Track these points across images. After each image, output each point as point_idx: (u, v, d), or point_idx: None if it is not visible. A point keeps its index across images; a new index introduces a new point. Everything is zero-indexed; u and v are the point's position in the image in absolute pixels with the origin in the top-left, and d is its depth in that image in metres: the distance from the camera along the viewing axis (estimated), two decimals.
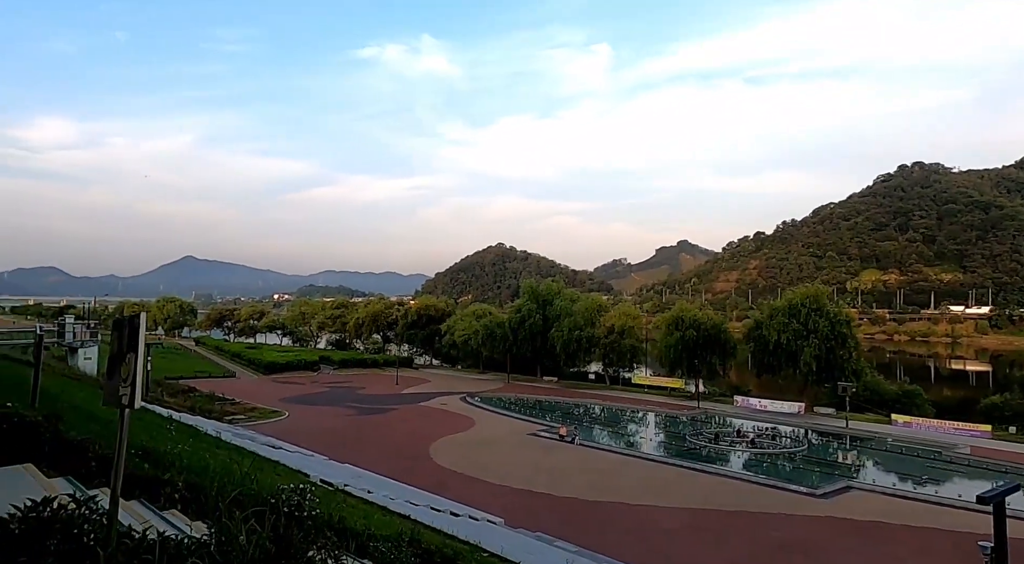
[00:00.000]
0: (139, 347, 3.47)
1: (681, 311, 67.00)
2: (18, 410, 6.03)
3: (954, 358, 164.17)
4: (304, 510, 7.02)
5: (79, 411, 14.37)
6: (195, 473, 7.14)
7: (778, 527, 26.14)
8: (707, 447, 42.65)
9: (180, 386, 58.31)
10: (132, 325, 3.57)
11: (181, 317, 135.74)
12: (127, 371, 3.53)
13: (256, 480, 7.40)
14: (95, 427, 13.27)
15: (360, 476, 27.44)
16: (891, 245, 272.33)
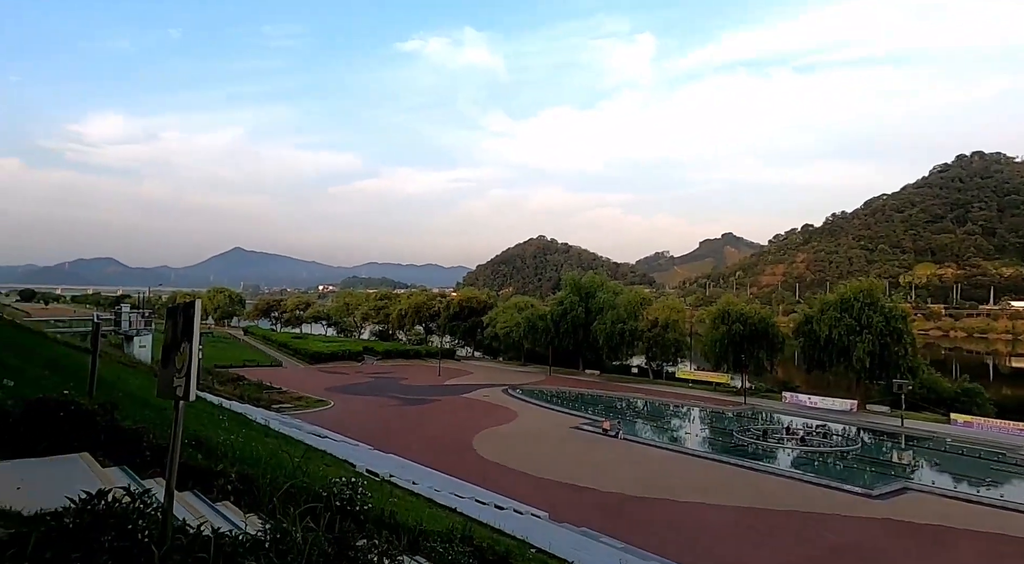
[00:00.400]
0: (194, 337, 3.27)
1: (727, 305, 65.61)
2: (75, 398, 5.97)
3: (1015, 356, 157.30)
4: (356, 505, 6.86)
5: (134, 398, 14.63)
6: (247, 464, 7.05)
7: (832, 529, 25.25)
8: (755, 444, 41.62)
9: (230, 374, 59.71)
10: (187, 314, 3.37)
11: (230, 307, 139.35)
12: (182, 361, 3.34)
13: (307, 472, 7.28)
14: (149, 414, 13.42)
15: (405, 466, 27.53)
16: (947, 238, 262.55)
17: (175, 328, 3.47)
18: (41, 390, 9.66)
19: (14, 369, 11.06)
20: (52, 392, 10.09)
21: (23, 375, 10.70)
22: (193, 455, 6.60)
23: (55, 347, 27.14)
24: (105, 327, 53.97)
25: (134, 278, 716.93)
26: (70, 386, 10.96)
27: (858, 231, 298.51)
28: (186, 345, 3.30)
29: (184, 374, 3.29)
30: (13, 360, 12.64)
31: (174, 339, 3.45)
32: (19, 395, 8.33)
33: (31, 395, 8.64)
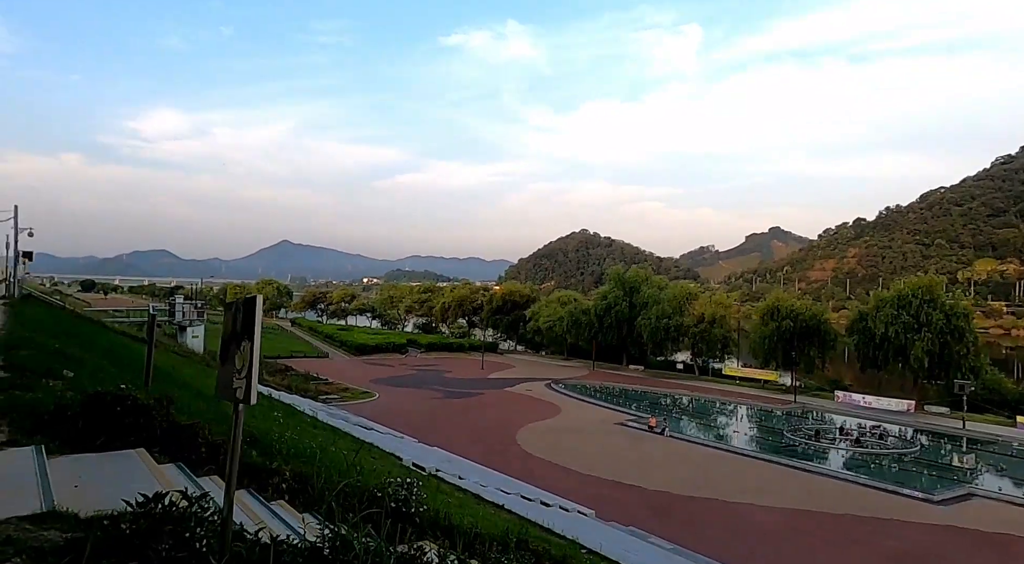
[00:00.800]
0: (255, 335, 3.04)
1: (777, 300, 63.97)
2: (132, 391, 5.89)
3: None
4: (412, 506, 6.65)
5: (187, 388, 14.81)
6: (301, 460, 6.91)
7: (891, 534, 24.23)
8: (807, 444, 40.37)
9: (277, 365, 60.88)
10: (248, 309, 3.14)
11: (278, 299, 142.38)
12: (242, 360, 3.11)
13: (361, 470, 7.11)
14: (202, 406, 13.53)
15: (450, 460, 27.46)
16: (1010, 232, 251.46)
17: (234, 324, 3.25)
18: (99, 381, 9.78)
19: (75, 359, 11.24)
20: (110, 383, 10.20)
21: (83, 365, 10.86)
22: (248, 452, 6.47)
23: (113, 336, 27.95)
24: (159, 318, 55.60)
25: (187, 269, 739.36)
26: (127, 378, 11.09)
27: (913, 225, 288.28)
28: (247, 344, 3.07)
29: (245, 375, 3.06)
30: (75, 350, 12.89)
31: (233, 336, 3.23)
32: (78, 386, 8.39)
33: (90, 386, 8.72)
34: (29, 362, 9.26)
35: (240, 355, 3.12)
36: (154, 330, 10.74)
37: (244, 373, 3.06)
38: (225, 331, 3.40)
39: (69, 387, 8.27)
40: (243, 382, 3.06)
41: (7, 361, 9.45)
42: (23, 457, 5.00)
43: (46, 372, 8.79)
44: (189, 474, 5.64)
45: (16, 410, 6.21)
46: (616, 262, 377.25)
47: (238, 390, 3.11)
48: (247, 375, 3.04)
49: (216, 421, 9.45)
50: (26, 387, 7.47)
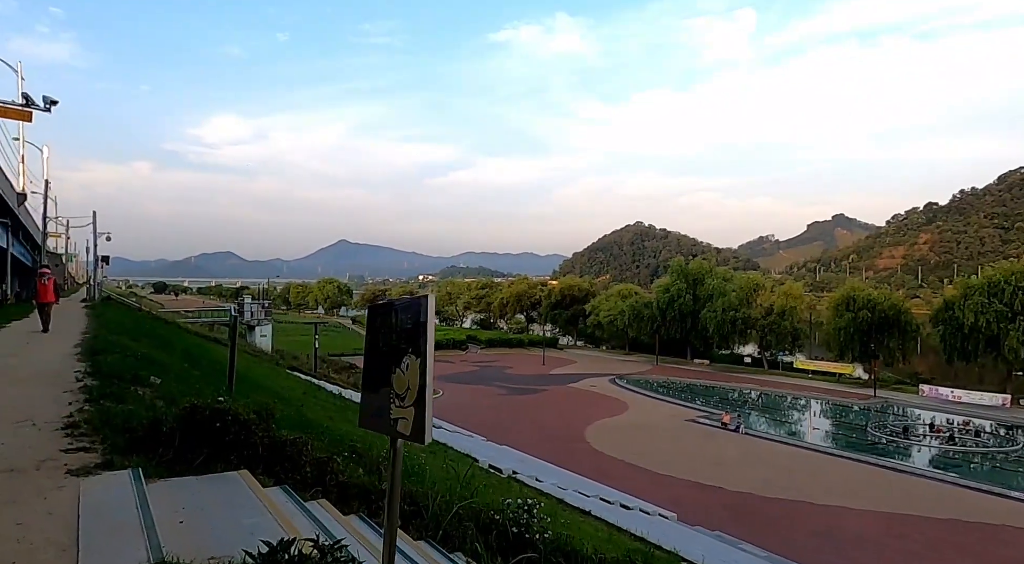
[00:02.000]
0: (427, 348, 2.28)
1: (853, 290, 60.85)
2: (228, 403, 5.31)
3: None
4: (533, 532, 5.88)
5: (264, 390, 14.51)
6: (413, 478, 6.24)
7: (1005, 542, 22.31)
8: (894, 442, 38.09)
9: (342, 363, 61.46)
10: (412, 315, 2.38)
11: (339, 297, 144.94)
12: (403, 384, 2.36)
13: (473, 489, 6.41)
14: (285, 410, 13.13)
15: (523, 461, 26.79)
16: None
17: (390, 333, 2.50)
18: (185, 386, 9.40)
19: (159, 364, 10.94)
20: (194, 388, 9.83)
21: (167, 370, 10.54)
22: (353, 470, 5.83)
23: (188, 337, 28.35)
24: (228, 317, 57.02)
25: (251, 270, 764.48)
26: (210, 383, 10.75)
27: (991, 209, 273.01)
28: (412, 361, 2.31)
29: (411, 403, 2.30)
30: (157, 353, 12.68)
31: (390, 349, 2.47)
32: (167, 394, 7.97)
33: (177, 393, 8.31)
34: (116, 368, 8.92)
35: (401, 376, 2.37)
36: (236, 333, 10.30)
37: (410, 400, 2.31)
38: (370, 347, 2.66)
39: (158, 395, 7.84)
40: (409, 412, 2.31)
41: (94, 367, 9.15)
42: (121, 483, 4.45)
43: (133, 378, 8.41)
44: (297, 499, 5.02)
45: (109, 425, 5.72)
46: (672, 254, 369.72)
47: (400, 422, 2.36)
48: (416, 403, 2.28)
49: (301, 427, 8.94)
50: (116, 397, 7.04)
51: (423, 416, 2.25)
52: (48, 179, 40.70)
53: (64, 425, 5.82)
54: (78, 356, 10.75)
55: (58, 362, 10.21)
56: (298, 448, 5.56)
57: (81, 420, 5.94)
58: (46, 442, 5.34)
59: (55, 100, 15.87)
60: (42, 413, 6.33)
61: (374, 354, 2.60)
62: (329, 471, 5.51)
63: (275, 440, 5.54)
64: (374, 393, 2.58)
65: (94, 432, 5.60)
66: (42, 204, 39.36)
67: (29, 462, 4.78)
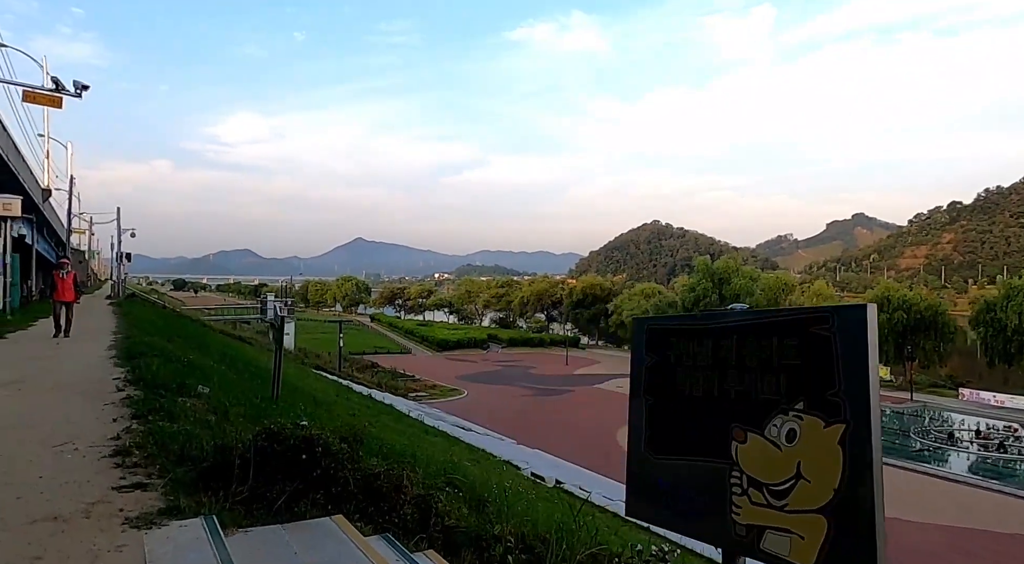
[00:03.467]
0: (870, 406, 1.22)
1: (887, 290, 59.26)
2: (317, 431, 4.31)
3: None
4: None
5: (299, 393, 13.58)
6: (520, 517, 5.22)
7: None
8: (941, 449, 36.60)
9: (364, 361, 60.84)
10: (818, 340, 1.34)
11: (357, 295, 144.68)
12: (775, 465, 1.32)
13: (597, 531, 5.38)
14: (322, 415, 12.19)
15: (558, 466, 25.80)
16: None
17: (727, 367, 1.46)
18: (232, 395, 8.48)
19: (200, 368, 10.02)
20: (242, 396, 8.90)
21: (209, 376, 9.63)
22: (456, 508, 4.81)
23: (218, 336, 27.60)
24: (252, 315, 56.44)
25: (268, 268, 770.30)
26: (255, 389, 9.82)
27: (1017, 208, 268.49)
28: (814, 427, 1.27)
29: (817, 508, 1.26)
30: (196, 356, 11.78)
31: (737, 401, 1.43)
32: (217, 405, 7.03)
33: (228, 402, 7.38)
34: (158, 375, 7.99)
35: (768, 449, 1.33)
36: (283, 335, 9.36)
37: (809, 500, 1.26)
38: (677, 378, 1.62)
39: (209, 407, 6.90)
40: (805, 523, 1.26)
41: (134, 374, 8.23)
42: (194, 538, 3.47)
43: (179, 387, 7.48)
44: (402, 550, 4.01)
45: (165, 450, 4.77)
46: (690, 253, 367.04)
47: (771, 537, 1.32)
48: (836, 510, 1.23)
49: (368, 448, 7.97)
50: (166, 412, 6.09)
51: (867, 547, 1.19)
52: (73, 175, 40.28)
53: (112, 450, 4.87)
54: (114, 360, 9.87)
55: (94, 367, 9.34)
56: (394, 483, 4.56)
57: (131, 444, 4.99)
58: (93, 475, 4.38)
59: (86, 85, 15.09)
60: (84, 433, 5.40)
61: (671, 399, 1.56)
62: (433, 513, 4.50)
63: (366, 474, 4.55)
64: (663, 461, 1.54)
65: (149, 461, 4.64)
66: (67, 200, 38.92)
67: (76, 506, 3.81)
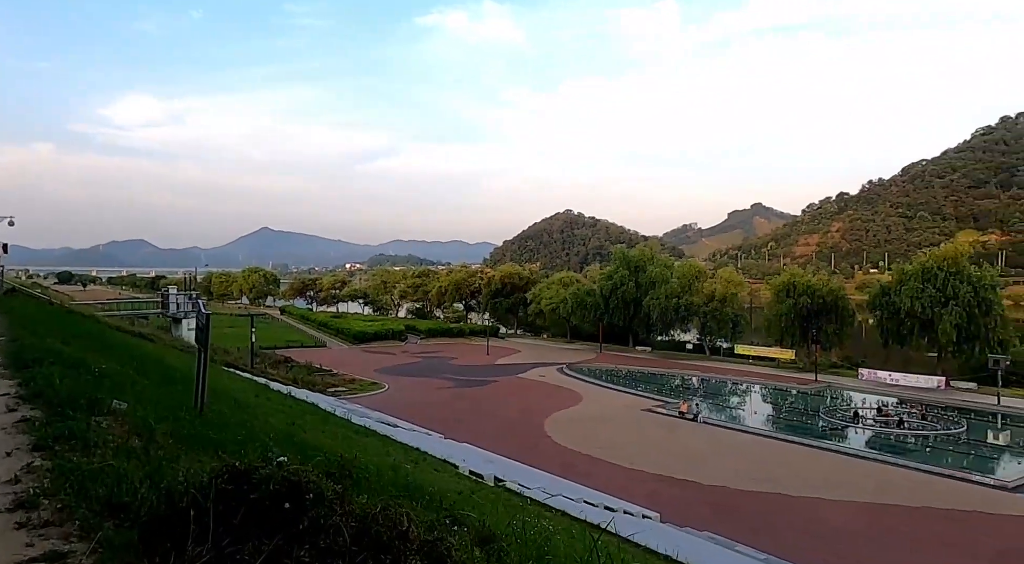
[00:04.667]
0: None
1: (792, 276, 62.17)
2: (311, 477, 3.32)
3: None
4: None
5: (217, 395, 12.16)
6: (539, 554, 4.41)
7: (984, 530, 22.34)
8: (848, 427, 38.61)
9: (276, 356, 57.89)
10: None
11: (265, 286, 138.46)
12: None
13: None
14: (247, 419, 10.97)
15: (493, 461, 25.14)
16: (991, 203, 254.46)
17: None
18: (155, 409, 7.19)
19: (109, 376, 8.56)
20: (166, 410, 7.60)
21: (122, 384, 8.23)
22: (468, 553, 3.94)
23: (119, 335, 25.07)
24: (151, 309, 52.43)
25: (166, 259, 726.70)
26: (175, 399, 8.50)
27: (896, 198, 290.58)
28: None
29: None
30: (100, 360, 10.17)
31: None
32: (140, 424, 5.79)
33: (154, 419, 6.15)
34: (62, 388, 6.59)
35: None
36: (208, 337, 8.10)
37: None
38: None
39: (130, 428, 5.68)
40: None
41: (31, 388, 6.77)
42: None
43: (90, 403, 6.15)
44: None
45: (87, 500, 3.63)
46: (601, 242, 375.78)
47: None
48: None
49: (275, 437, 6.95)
50: (78, 439, 4.86)
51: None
52: None
53: (12, 502, 3.67)
54: (1, 370, 8.25)
55: None
56: (395, 527, 3.63)
57: (37, 490, 3.80)
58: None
59: None
60: None
61: None
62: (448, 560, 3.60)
63: (361, 516, 3.60)
64: None
65: (65, 515, 3.50)
66: None
67: None
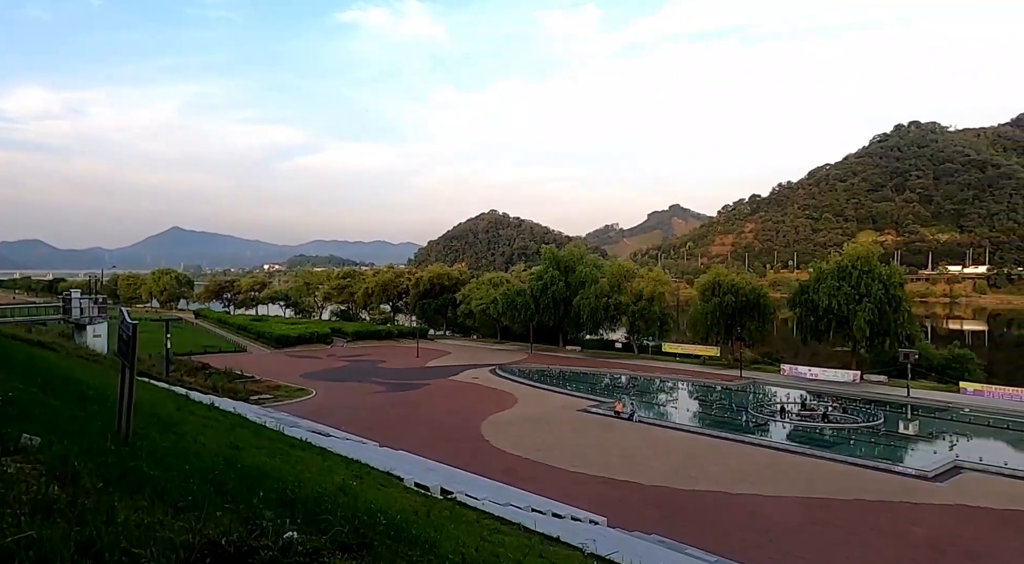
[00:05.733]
0: None
1: (717, 275, 63.90)
2: (310, 548, 2.46)
3: (951, 318, 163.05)
4: None
5: (142, 414, 10.79)
6: None
7: (910, 519, 23.18)
8: (775, 422, 39.76)
9: (193, 363, 54.57)
10: None
11: (178, 289, 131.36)
12: None
13: None
14: (175, 441, 9.87)
15: (433, 469, 24.19)
16: (887, 206, 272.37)
17: None
18: (75, 440, 6.02)
19: (16, 402, 7.22)
20: (87, 437, 6.42)
21: (26, 408, 6.93)
22: None
23: (12, 343, 22.55)
24: (51, 315, 48.25)
25: (65, 260, 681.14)
26: (91, 421, 7.24)
27: (803, 200, 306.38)
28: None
29: None
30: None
31: None
32: (56, 464, 4.69)
33: (73, 454, 5.02)
34: None
35: None
36: (135, 349, 6.97)
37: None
38: None
39: (45, 470, 4.57)
40: None
41: None
42: None
43: None
44: None
45: None
46: (526, 242, 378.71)
47: None
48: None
49: (280, 499, 6.00)
50: None
51: None
52: None
53: None
54: None
55: None
56: None
57: None
58: None
59: None
60: None
61: None
62: None
63: None
64: None
65: None
66: None
67: None
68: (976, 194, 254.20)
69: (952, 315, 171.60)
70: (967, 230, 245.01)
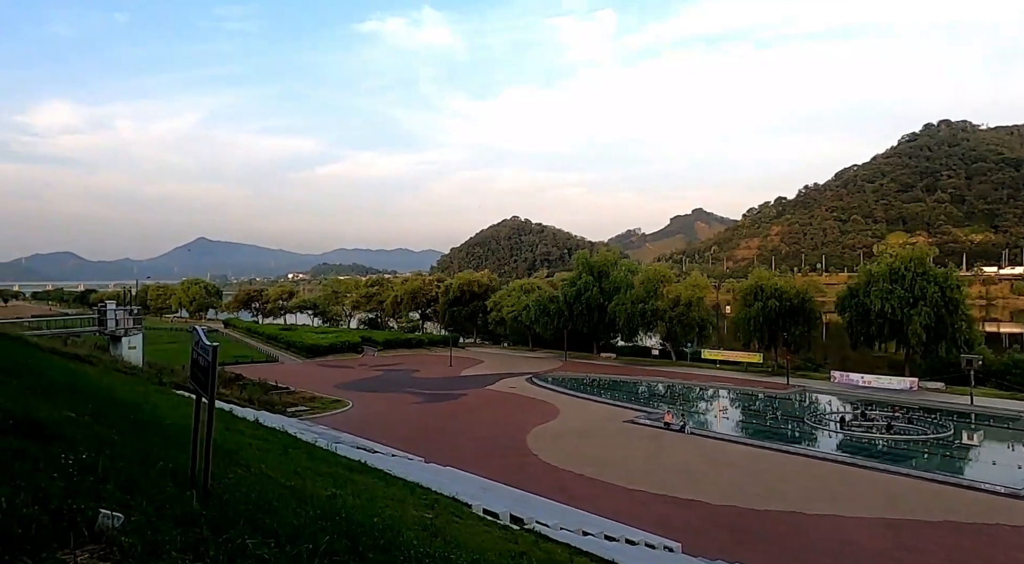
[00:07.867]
0: None
1: (760, 279, 61.74)
2: None
3: (988, 321, 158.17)
4: None
5: (219, 451, 9.43)
6: None
7: (1017, 544, 21.16)
8: (835, 432, 37.64)
9: (226, 374, 53.65)
10: None
11: (206, 299, 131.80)
12: None
13: None
14: (239, 474, 8.50)
15: (489, 489, 22.73)
16: (918, 207, 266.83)
17: None
18: (155, 494, 4.67)
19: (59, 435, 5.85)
20: (156, 487, 5.05)
21: (87, 455, 5.57)
22: None
23: (50, 358, 21.53)
24: (87, 327, 47.68)
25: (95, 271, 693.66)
26: (160, 464, 5.85)
27: (831, 202, 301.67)
28: None
29: None
30: (45, 407, 7.36)
31: None
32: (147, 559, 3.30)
33: (148, 524, 3.63)
34: (24, 480, 3.95)
35: None
36: (215, 376, 5.60)
37: None
38: None
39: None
40: None
41: None
42: None
43: (56, 527, 3.59)
44: None
45: None
46: (549, 248, 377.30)
47: None
48: None
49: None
50: None
51: None
52: None
53: None
54: None
55: None
56: None
57: None
58: None
59: None
60: None
61: None
62: None
63: None
64: None
65: None
66: None
67: None
68: (1010, 193, 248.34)
69: (989, 317, 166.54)
70: (1002, 230, 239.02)
